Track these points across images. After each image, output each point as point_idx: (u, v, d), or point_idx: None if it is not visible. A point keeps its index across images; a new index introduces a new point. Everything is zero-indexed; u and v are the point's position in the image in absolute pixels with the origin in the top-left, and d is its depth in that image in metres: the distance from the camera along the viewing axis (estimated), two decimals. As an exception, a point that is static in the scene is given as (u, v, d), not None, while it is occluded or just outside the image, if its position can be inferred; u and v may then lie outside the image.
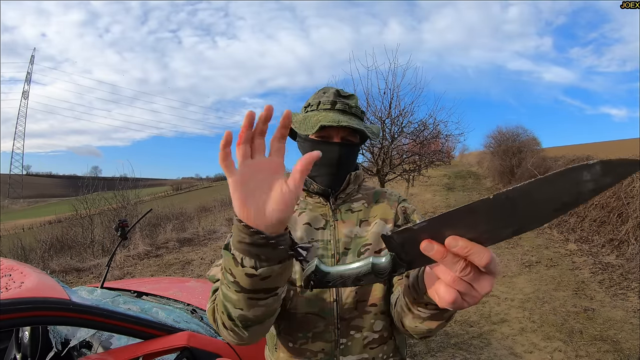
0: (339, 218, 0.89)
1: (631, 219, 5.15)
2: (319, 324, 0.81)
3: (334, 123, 0.82)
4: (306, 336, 0.81)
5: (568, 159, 9.02)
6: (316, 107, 0.90)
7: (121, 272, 6.25)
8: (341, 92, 0.92)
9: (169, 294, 2.01)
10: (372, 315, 0.83)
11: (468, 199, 11.62)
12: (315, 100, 0.91)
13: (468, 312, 3.64)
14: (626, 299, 3.68)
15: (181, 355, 1.31)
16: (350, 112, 0.90)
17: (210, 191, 30.68)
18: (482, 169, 20.14)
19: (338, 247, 0.85)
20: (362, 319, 0.82)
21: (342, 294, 0.82)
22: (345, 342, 0.82)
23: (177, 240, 8.37)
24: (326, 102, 0.89)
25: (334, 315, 0.81)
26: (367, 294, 0.83)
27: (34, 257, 7.46)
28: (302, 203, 0.92)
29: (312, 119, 0.86)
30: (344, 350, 0.81)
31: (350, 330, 0.82)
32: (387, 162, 7.99)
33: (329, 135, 0.87)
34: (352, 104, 0.90)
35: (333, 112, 0.88)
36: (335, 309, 0.81)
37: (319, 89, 0.95)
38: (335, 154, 0.86)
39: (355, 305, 0.82)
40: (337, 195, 0.91)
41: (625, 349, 2.78)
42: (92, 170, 20.78)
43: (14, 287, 1.18)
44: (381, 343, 0.84)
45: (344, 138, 0.88)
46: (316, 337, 0.81)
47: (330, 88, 0.93)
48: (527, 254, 5.45)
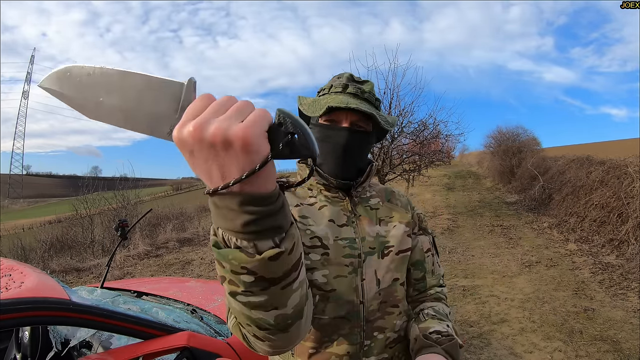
0: (360, 213, 0.86)
1: (631, 219, 5.15)
2: (345, 326, 0.79)
3: (341, 104, 0.78)
4: (332, 339, 0.79)
5: (568, 159, 9.01)
6: (328, 91, 0.86)
7: (121, 272, 6.25)
8: (355, 77, 0.88)
9: (169, 294, 2.01)
10: (395, 316, 0.84)
11: (468, 199, 11.62)
12: (329, 85, 0.87)
13: (468, 312, 3.64)
14: (626, 299, 3.68)
15: (181, 355, 1.31)
16: (363, 97, 0.84)
17: (210, 191, 30.42)
18: (482, 169, 20.14)
19: (363, 246, 0.82)
20: (385, 320, 0.83)
21: (367, 295, 0.81)
22: (369, 343, 0.81)
23: (177, 240, 8.37)
24: (338, 85, 0.85)
25: (360, 317, 0.80)
26: (390, 294, 0.84)
27: (34, 257, 7.47)
28: (320, 196, 0.86)
29: (322, 101, 0.83)
30: (367, 351, 0.81)
31: (374, 332, 0.81)
32: (387, 162, 8.00)
33: (338, 119, 0.82)
34: (365, 89, 0.85)
35: (343, 94, 0.83)
36: (361, 311, 0.80)
37: (335, 75, 0.91)
38: (342, 140, 0.81)
39: (379, 307, 0.82)
40: (357, 189, 0.87)
41: (625, 349, 2.78)
42: (92, 170, 20.84)
43: (14, 287, 1.17)
44: (399, 342, 0.85)
45: (353, 123, 0.82)
46: (342, 340, 0.79)
47: (345, 73, 0.89)
48: (527, 254, 5.44)
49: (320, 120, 0.84)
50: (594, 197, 6.24)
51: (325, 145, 0.82)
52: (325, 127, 0.83)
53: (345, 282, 0.79)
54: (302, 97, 0.91)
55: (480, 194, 12.59)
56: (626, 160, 6.19)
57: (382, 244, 0.84)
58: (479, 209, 9.77)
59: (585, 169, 7.32)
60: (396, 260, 0.85)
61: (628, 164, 6.02)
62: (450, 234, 7.21)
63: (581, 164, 7.86)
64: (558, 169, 8.96)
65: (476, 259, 5.42)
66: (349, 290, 0.79)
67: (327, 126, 0.83)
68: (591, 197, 6.33)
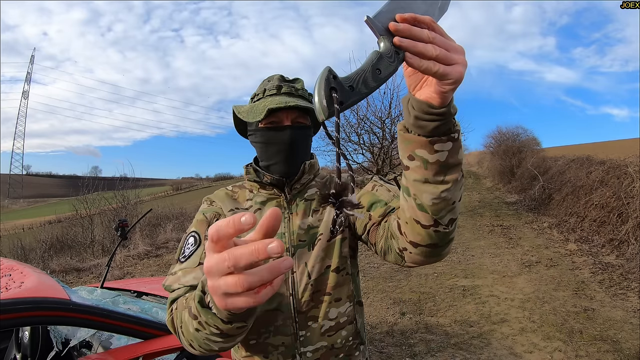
0: (294, 210, 0.87)
1: (631, 219, 5.14)
2: (278, 318, 0.82)
3: (281, 104, 0.80)
4: (268, 330, 0.82)
5: (568, 158, 9.01)
6: (262, 95, 0.88)
7: (121, 272, 6.25)
8: (285, 77, 0.91)
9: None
10: (327, 304, 0.84)
11: (468, 199, 11.62)
12: (261, 89, 0.89)
13: (468, 312, 3.64)
14: (626, 299, 3.68)
15: (181, 355, 1.31)
16: (297, 94, 0.88)
17: (210, 191, 30.32)
18: (482, 169, 20.13)
19: (293, 240, 0.84)
20: (318, 309, 0.84)
21: (297, 287, 0.83)
22: (304, 333, 0.83)
23: (177, 240, 8.37)
24: (271, 87, 0.87)
25: (290, 309, 0.82)
26: (322, 283, 0.84)
27: (34, 257, 7.47)
28: (256, 196, 0.89)
29: (260, 105, 0.84)
30: (303, 341, 0.82)
31: (308, 322, 0.83)
32: (387, 162, 8.00)
33: (279, 119, 0.85)
34: (298, 87, 0.89)
35: (279, 95, 0.86)
36: (292, 302, 0.82)
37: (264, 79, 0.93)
38: (287, 138, 0.84)
39: (311, 297, 0.83)
40: (292, 186, 0.88)
41: (625, 349, 2.78)
42: (92, 170, 20.82)
43: (14, 287, 1.18)
44: (338, 329, 0.85)
45: (294, 121, 0.86)
46: (276, 332, 0.82)
47: (275, 75, 0.91)
48: (527, 254, 5.44)
49: (261, 125, 0.86)
50: (594, 197, 6.24)
51: (271, 147, 0.86)
52: (269, 130, 0.85)
53: None
54: (238, 106, 0.93)
55: (480, 194, 12.59)
56: (626, 160, 6.19)
57: (313, 236, 0.85)
58: (479, 209, 9.77)
59: (585, 169, 7.32)
60: (326, 248, 0.85)
61: (628, 164, 6.02)
62: (450, 234, 7.20)
63: (581, 164, 7.86)
64: (558, 169, 8.96)
65: (476, 259, 5.42)
66: None
67: (270, 128, 0.85)
68: (591, 197, 6.32)
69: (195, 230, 0.85)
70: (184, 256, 0.81)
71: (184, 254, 0.81)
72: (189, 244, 0.83)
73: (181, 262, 0.81)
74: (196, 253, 0.80)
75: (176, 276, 0.78)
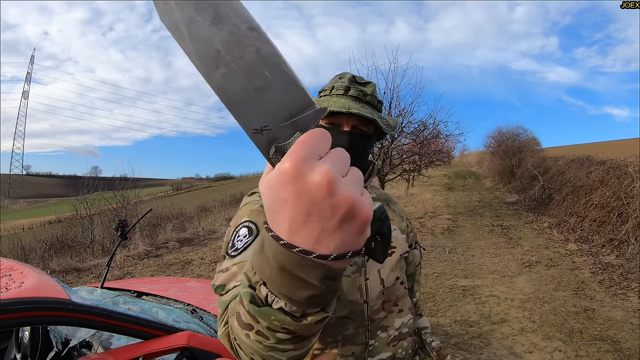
0: None
1: (631, 219, 5.14)
2: (349, 326, 0.78)
3: (342, 109, 0.77)
4: (336, 340, 0.77)
5: (568, 158, 9.00)
6: (329, 92, 0.85)
7: (121, 272, 6.25)
8: (357, 79, 0.87)
9: (169, 294, 2.01)
10: (395, 314, 0.85)
11: (468, 199, 11.62)
12: (330, 86, 0.86)
13: (468, 312, 3.64)
14: (626, 299, 3.68)
15: (181, 355, 1.31)
16: (365, 99, 0.84)
17: (210, 191, 30.65)
18: (482, 169, 20.14)
19: None
20: (388, 319, 0.83)
21: (371, 295, 0.81)
22: (373, 343, 0.81)
23: (177, 240, 8.37)
24: (340, 87, 0.84)
25: (364, 317, 0.79)
26: (392, 293, 0.85)
27: (34, 257, 7.46)
28: None
29: (323, 104, 0.81)
30: (372, 351, 0.80)
31: (378, 331, 0.82)
32: (387, 162, 7.99)
33: (339, 122, 0.82)
34: (367, 91, 0.85)
35: (345, 98, 0.82)
36: (365, 310, 0.80)
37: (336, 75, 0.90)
38: (344, 143, 0.79)
39: (382, 306, 0.83)
40: None
41: (625, 349, 2.78)
42: (92, 170, 20.77)
43: (14, 287, 1.17)
44: (400, 339, 0.85)
45: (355, 127, 0.82)
46: (346, 341, 0.77)
47: (347, 73, 0.88)
48: (527, 254, 5.44)
49: (321, 122, 0.83)
50: (594, 197, 6.24)
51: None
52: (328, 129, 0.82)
53: (349, 282, 0.79)
54: None
55: (480, 194, 12.58)
56: (626, 160, 6.19)
57: None
58: (479, 209, 9.77)
59: (585, 169, 7.32)
60: (398, 262, 0.88)
61: (628, 163, 6.01)
62: (450, 234, 7.21)
63: (581, 163, 7.86)
64: (558, 169, 8.96)
65: (476, 259, 5.42)
66: (352, 289, 0.79)
67: (328, 129, 0.81)
68: (591, 197, 6.32)
69: (249, 219, 0.74)
70: (236, 249, 0.70)
71: (235, 247, 0.71)
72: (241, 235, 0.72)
73: (232, 256, 0.69)
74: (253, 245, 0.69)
75: (230, 272, 0.66)
